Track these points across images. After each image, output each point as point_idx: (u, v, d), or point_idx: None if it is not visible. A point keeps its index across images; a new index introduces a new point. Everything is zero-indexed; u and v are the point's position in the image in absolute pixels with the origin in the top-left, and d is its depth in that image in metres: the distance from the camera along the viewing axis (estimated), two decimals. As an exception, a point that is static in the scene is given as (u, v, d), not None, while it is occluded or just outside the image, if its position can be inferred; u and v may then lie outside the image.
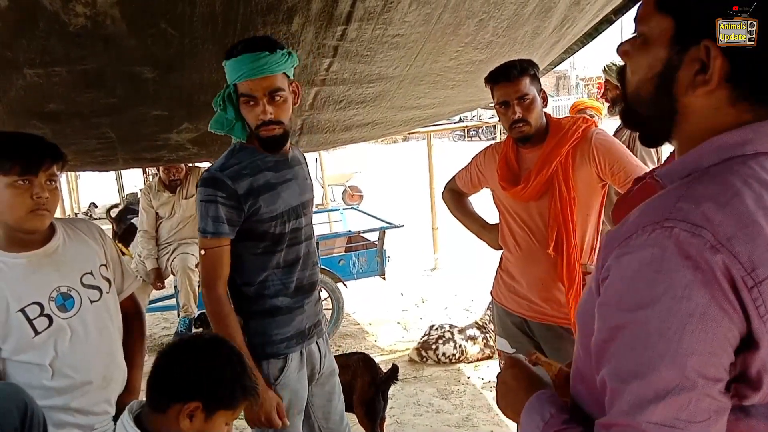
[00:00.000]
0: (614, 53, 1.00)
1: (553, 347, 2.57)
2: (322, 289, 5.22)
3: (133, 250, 5.25)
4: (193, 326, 4.87)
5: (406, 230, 6.16)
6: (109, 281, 1.99)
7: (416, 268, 7.50)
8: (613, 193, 2.94)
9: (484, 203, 2.99)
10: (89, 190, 15.90)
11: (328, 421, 2.33)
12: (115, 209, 8.22)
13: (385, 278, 5.69)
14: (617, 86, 3.52)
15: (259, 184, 2.00)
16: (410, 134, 12.60)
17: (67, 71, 2.11)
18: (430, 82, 3.11)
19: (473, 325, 4.80)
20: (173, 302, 5.45)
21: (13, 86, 2.14)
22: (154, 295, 5.52)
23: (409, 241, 7.85)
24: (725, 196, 0.78)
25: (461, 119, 14.09)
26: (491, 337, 4.56)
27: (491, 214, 2.81)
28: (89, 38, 1.95)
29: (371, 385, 3.12)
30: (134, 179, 14.02)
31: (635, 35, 0.91)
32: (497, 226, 2.72)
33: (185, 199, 4.88)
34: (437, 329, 4.77)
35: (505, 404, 1.10)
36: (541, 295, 2.54)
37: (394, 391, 4.12)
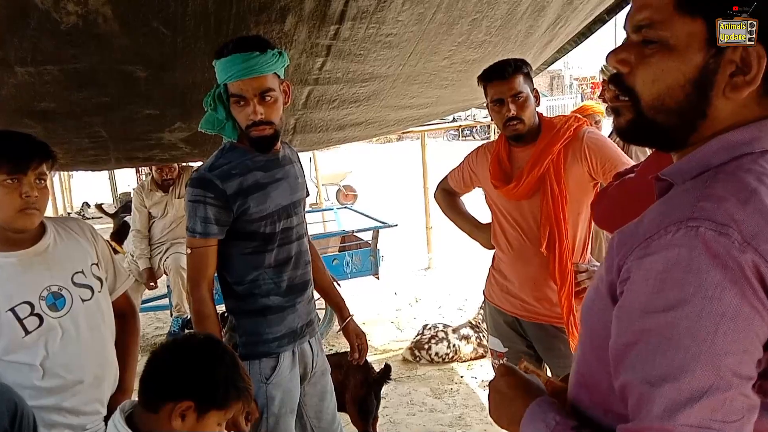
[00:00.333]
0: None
1: (545, 346, 2.57)
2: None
3: (126, 248, 5.24)
4: (186, 327, 4.86)
5: (399, 230, 6.16)
6: (101, 280, 1.98)
7: (410, 267, 7.51)
8: None
9: (476, 203, 2.98)
10: (82, 189, 15.84)
11: (320, 420, 2.33)
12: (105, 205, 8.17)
13: (378, 278, 5.68)
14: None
15: (248, 184, 1.99)
16: (404, 134, 12.61)
17: (58, 70, 2.10)
18: (423, 81, 3.11)
19: (467, 324, 4.81)
20: (166, 302, 5.43)
21: (4, 85, 2.13)
22: (147, 294, 5.50)
23: (402, 240, 7.85)
24: (744, 194, 0.77)
25: (455, 119, 14.07)
26: (485, 336, 4.56)
27: (484, 213, 2.81)
28: (81, 37, 1.94)
29: (364, 384, 3.12)
30: (127, 179, 13.98)
31: (638, 38, 0.86)
32: (489, 225, 2.72)
33: (178, 198, 4.87)
34: (430, 329, 4.77)
35: (499, 414, 1.06)
36: (533, 294, 2.54)
37: (387, 390, 4.12)
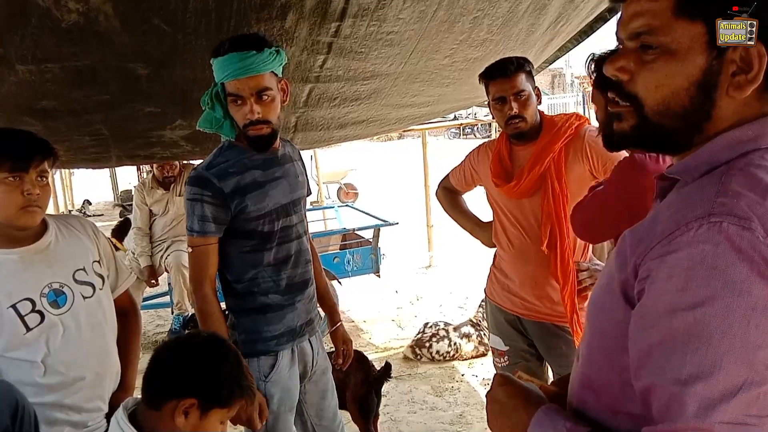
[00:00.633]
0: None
1: (546, 345, 2.57)
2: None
3: (127, 245, 5.24)
4: (187, 325, 4.86)
5: (400, 228, 6.17)
6: (102, 277, 1.99)
7: (411, 265, 7.51)
8: None
9: (477, 201, 2.98)
10: (83, 187, 15.86)
11: (321, 418, 2.33)
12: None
13: (379, 276, 5.69)
14: None
15: (245, 182, 1.99)
16: (405, 132, 12.61)
17: (59, 67, 2.10)
18: (425, 79, 3.10)
19: (467, 322, 4.81)
20: (167, 299, 5.44)
21: (5, 82, 2.12)
22: (148, 292, 5.51)
23: (403, 238, 7.86)
24: (760, 189, 0.77)
25: (456, 117, 14.09)
26: (485, 334, 4.56)
27: (485, 212, 2.81)
28: (82, 34, 1.94)
29: (364, 382, 3.12)
30: (129, 176, 14.00)
31: (635, 45, 0.87)
32: (491, 224, 2.72)
33: (179, 196, 4.87)
34: (431, 327, 4.78)
35: (500, 424, 1.03)
36: (534, 292, 2.54)
37: (388, 388, 4.12)
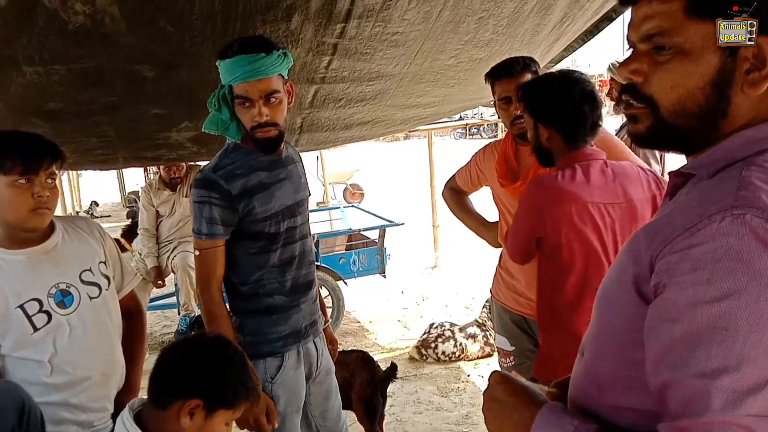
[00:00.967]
0: (616, 51, 0.94)
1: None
2: (322, 287, 5.23)
3: (135, 246, 5.26)
4: (193, 326, 4.87)
5: (406, 228, 6.17)
6: (108, 278, 2.00)
7: (417, 266, 7.51)
8: None
9: (484, 202, 2.98)
10: (91, 188, 15.92)
11: (325, 419, 2.33)
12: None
13: (385, 276, 5.70)
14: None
15: (252, 184, 1.99)
16: (411, 132, 12.60)
17: (66, 69, 2.11)
18: (430, 80, 3.10)
19: (473, 323, 4.80)
20: (174, 300, 5.46)
21: (12, 84, 2.14)
22: (154, 293, 5.53)
23: (409, 239, 7.85)
24: None
25: (462, 117, 14.07)
26: (491, 335, 4.55)
27: (491, 212, 2.81)
28: (88, 36, 1.95)
29: (370, 383, 3.12)
30: (136, 177, 14.04)
31: (647, 47, 0.87)
32: (497, 224, 2.72)
33: (185, 197, 4.88)
34: (437, 327, 4.77)
35: (500, 424, 1.00)
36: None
37: (394, 389, 4.12)
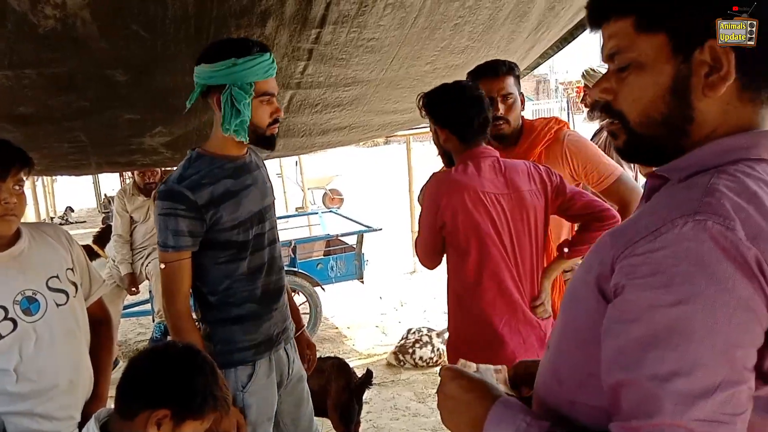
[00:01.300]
0: (593, 58, 0.99)
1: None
2: (299, 293, 5.21)
3: (108, 252, 5.20)
4: (168, 333, 4.82)
5: (385, 233, 6.16)
6: (75, 285, 1.96)
7: (395, 271, 7.50)
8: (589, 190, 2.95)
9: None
10: (66, 193, 15.74)
11: (296, 427, 2.31)
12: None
13: (363, 282, 5.69)
14: None
15: (219, 192, 1.96)
16: (391, 137, 12.64)
17: (37, 73, 2.08)
18: (407, 86, 3.11)
19: (451, 328, 4.80)
20: (148, 307, 5.40)
21: (-19, 88, 2.10)
22: (129, 300, 5.46)
23: (388, 244, 7.85)
24: (746, 195, 0.79)
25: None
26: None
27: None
28: (59, 40, 1.92)
29: (346, 389, 3.10)
30: (112, 183, 13.90)
31: (617, 68, 0.91)
32: None
33: (161, 202, 4.82)
34: (414, 333, 4.77)
35: (456, 421, 1.00)
36: None
37: (371, 395, 4.11)
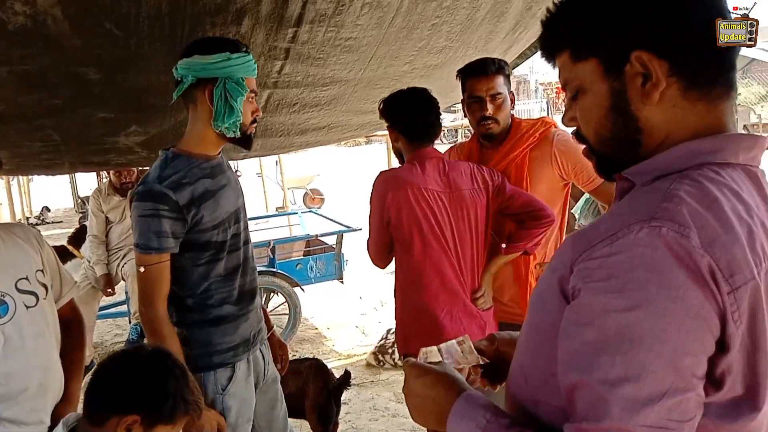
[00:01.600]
0: None
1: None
2: (278, 293, 5.18)
3: (84, 252, 5.13)
4: (143, 335, 4.77)
5: (364, 233, 6.13)
6: (46, 287, 1.92)
7: (375, 271, 7.45)
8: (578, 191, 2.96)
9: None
10: (42, 193, 15.53)
11: (271, 429, 2.30)
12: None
13: (343, 282, 5.67)
14: None
15: (199, 192, 1.94)
16: (372, 137, 12.64)
17: (7, 71, 2.05)
18: (385, 86, 3.10)
19: (431, 328, 4.80)
20: (125, 308, 5.33)
21: (-51, 86, 2.06)
22: (105, 301, 5.40)
23: (368, 244, 7.82)
24: (706, 201, 0.79)
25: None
26: (448, 340, 4.56)
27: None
28: (30, 37, 1.89)
29: (323, 391, 3.09)
30: (89, 182, 13.74)
31: (570, 97, 0.97)
32: None
33: (138, 202, 4.76)
34: (394, 333, 4.75)
35: (425, 417, 1.02)
36: (506, 295, 2.56)
37: (350, 395, 4.10)
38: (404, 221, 2.35)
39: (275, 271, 5.11)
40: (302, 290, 5.29)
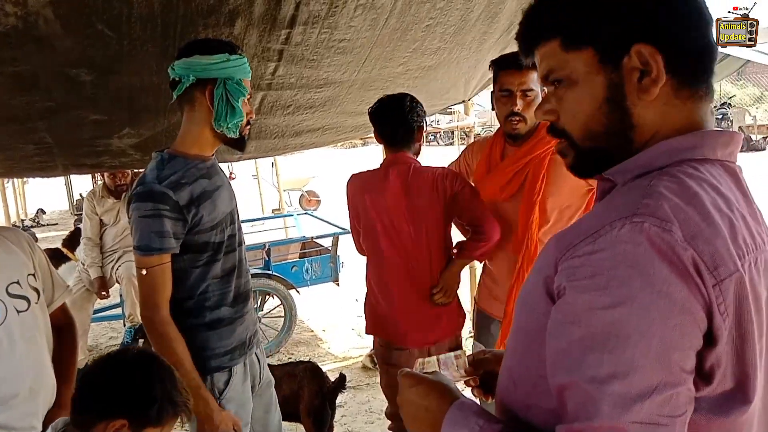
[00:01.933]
0: None
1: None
2: (273, 296, 5.16)
3: (78, 255, 5.11)
4: (137, 337, 4.75)
5: (360, 236, 6.12)
6: (37, 291, 1.90)
7: (371, 273, 7.46)
8: None
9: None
10: (37, 195, 15.48)
11: None
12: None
13: (338, 284, 5.66)
14: None
15: (198, 192, 1.92)
16: (368, 138, 12.62)
17: (-2, 72, 2.03)
18: (380, 87, 3.09)
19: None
20: (120, 311, 5.31)
21: (-61, 87, 2.05)
22: (99, 304, 5.37)
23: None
24: (687, 196, 0.79)
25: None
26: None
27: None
28: (21, 39, 1.87)
29: (318, 394, 3.08)
30: (85, 184, 13.71)
31: (552, 88, 0.95)
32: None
33: (133, 205, 4.74)
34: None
35: (419, 425, 1.02)
36: (501, 291, 2.54)
37: (346, 398, 4.09)
38: (363, 223, 2.69)
39: (271, 273, 5.09)
40: (298, 293, 5.28)
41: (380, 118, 2.63)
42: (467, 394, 1.11)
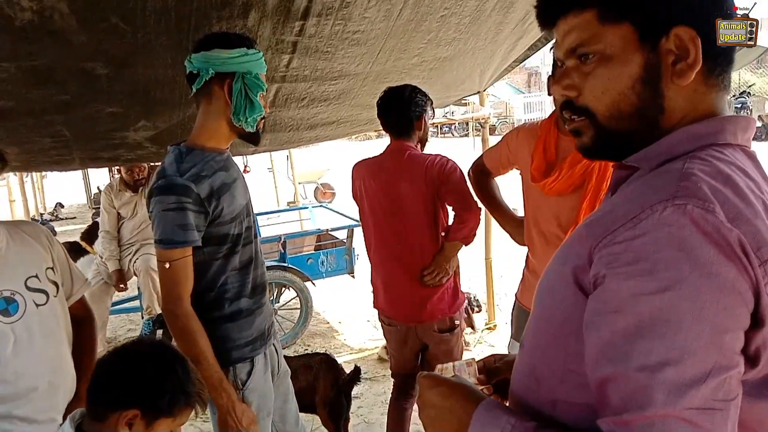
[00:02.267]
0: None
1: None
2: (290, 288, 5.18)
3: (97, 248, 5.15)
4: (155, 326, 4.79)
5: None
6: (56, 285, 1.92)
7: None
8: None
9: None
10: (56, 189, 15.64)
11: (284, 423, 2.30)
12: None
13: (354, 276, 5.66)
14: None
15: (217, 185, 1.92)
16: (383, 131, 12.59)
17: (15, 67, 2.05)
18: (394, 79, 3.08)
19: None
20: (138, 303, 5.35)
21: (-42, 82, 2.07)
22: (117, 296, 5.42)
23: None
24: (721, 177, 0.77)
25: (432, 116, 14.05)
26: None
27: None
28: (37, 33, 1.89)
29: (334, 385, 3.09)
30: (103, 178, 13.83)
31: (575, 62, 0.90)
32: (522, 220, 2.64)
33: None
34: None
35: (442, 427, 0.98)
36: None
37: (362, 389, 4.10)
38: (358, 205, 2.94)
39: (286, 265, 5.11)
40: (313, 285, 5.29)
41: (382, 109, 2.77)
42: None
